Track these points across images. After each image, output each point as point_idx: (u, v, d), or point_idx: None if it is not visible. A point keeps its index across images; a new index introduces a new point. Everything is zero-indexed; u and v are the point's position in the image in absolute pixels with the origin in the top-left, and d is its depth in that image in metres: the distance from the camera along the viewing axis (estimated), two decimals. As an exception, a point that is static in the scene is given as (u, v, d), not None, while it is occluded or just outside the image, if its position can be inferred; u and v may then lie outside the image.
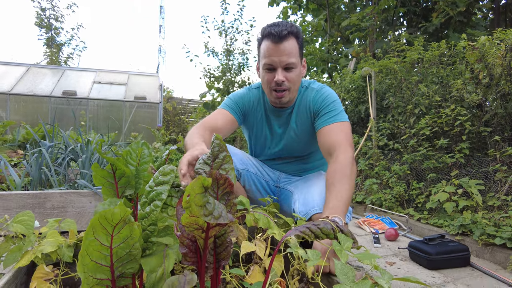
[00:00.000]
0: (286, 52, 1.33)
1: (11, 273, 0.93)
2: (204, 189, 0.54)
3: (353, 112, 4.20)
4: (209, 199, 0.54)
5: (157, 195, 0.87)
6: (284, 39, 1.32)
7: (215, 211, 0.53)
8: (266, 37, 1.35)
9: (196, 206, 0.52)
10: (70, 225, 1.16)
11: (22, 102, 6.44)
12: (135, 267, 0.78)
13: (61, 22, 12.81)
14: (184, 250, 0.72)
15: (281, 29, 1.31)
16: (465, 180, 2.29)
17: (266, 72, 1.40)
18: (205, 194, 0.54)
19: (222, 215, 0.54)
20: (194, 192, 0.52)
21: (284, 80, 1.36)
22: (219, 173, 0.75)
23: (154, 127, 6.55)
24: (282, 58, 1.33)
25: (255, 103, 1.58)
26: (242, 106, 1.56)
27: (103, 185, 1.13)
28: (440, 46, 3.22)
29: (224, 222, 0.53)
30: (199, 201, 0.53)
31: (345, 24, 6.70)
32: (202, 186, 0.54)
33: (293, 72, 1.38)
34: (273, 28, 1.32)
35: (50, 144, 2.45)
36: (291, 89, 1.41)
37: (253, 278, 0.99)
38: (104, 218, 0.69)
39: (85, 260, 0.70)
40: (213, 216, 0.53)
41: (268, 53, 1.35)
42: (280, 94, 1.40)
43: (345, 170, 1.23)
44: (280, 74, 1.35)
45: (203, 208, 0.53)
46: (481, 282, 1.55)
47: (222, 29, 7.69)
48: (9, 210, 1.78)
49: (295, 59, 1.36)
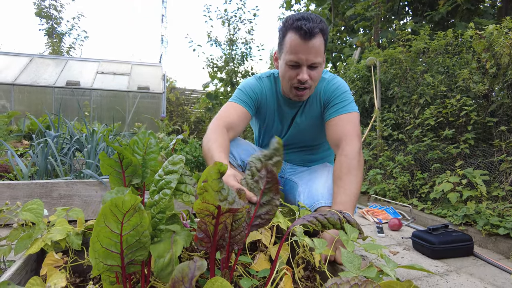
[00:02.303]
0: (314, 50, 1.26)
1: (22, 260, 0.95)
2: (220, 175, 0.55)
3: (357, 102, 4.18)
4: (224, 185, 0.55)
5: (167, 183, 0.88)
6: (313, 36, 1.23)
7: (229, 197, 0.54)
8: (295, 31, 1.25)
9: (212, 191, 0.54)
10: (77, 214, 1.17)
11: (26, 93, 6.46)
12: (144, 254, 0.79)
13: (61, 11, 12.71)
14: (201, 235, 0.72)
15: (312, 25, 1.22)
16: (469, 171, 2.29)
17: (289, 68, 1.32)
18: (220, 180, 0.55)
19: (236, 200, 0.55)
20: (211, 177, 0.53)
21: (308, 79, 1.31)
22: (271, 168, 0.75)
23: (157, 118, 6.56)
24: (309, 57, 1.27)
25: (268, 94, 1.53)
26: (255, 98, 1.50)
27: (110, 174, 1.14)
28: (446, 35, 3.17)
29: (236, 207, 0.54)
30: (216, 186, 0.54)
31: (350, 14, 6.60)
32: (219, 171, 0.55)
33: (317, 71, 1.32)
34: (304, 22, 1.22)
35: (55, 134, 2.46)
36: (312, 87, 1.37)
37: (259, 265, 1.00)
38: (115, 205, 0.70)
39: (96, 246, 0.71)
40: (227, 201, 0.54)
41: (295, 50, 1.26)
42: (301, 92, 1.36)
43: (352, 163, 1.23)
44: (305, 72, 1.29)
45: (218, 193, 0.54)
46: (484, 271, 1.56)
47: (225, 18, 7.61)
48: (17, 199, 1.80)
49: (321, 57, 1.30)
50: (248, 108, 1.46)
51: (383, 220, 2.38)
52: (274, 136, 1.63)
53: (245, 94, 1.49)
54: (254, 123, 1.70)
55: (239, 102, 1.47)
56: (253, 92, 1.50)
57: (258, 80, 1.54)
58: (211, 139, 1.29)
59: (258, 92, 1.51)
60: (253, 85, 1.51)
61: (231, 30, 7.63)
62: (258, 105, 1.53)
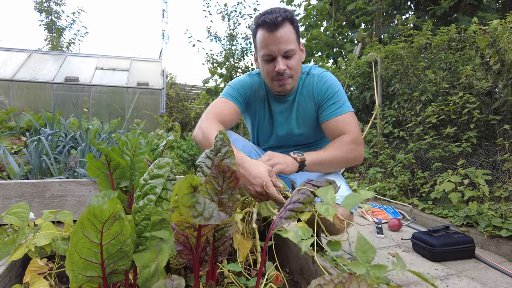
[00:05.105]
0: (284, 39, 1.28)
1: (5, 267, 0.91)
2: (193, 189, 0.50)
3: (358, 99, 4.12)
4: (198, 199, 0.50)
5: (151, 188, 0.84)
6: (279, 26, 1.26)
7: (205, 211, 0.50)
8: (261, 26, 1.29)
9: (184, 207, 0.49)
10: (66, 216, 1.13)
11: (24, 89, 6.41)
12: (127, 263, 0.75)
13: (61, 5, 12.61)
14: (179, 247, 0.69)
15: (275, 16, 1.25)
16: (471, 170, 2.24)
17: (265, 62, 1.35)
18: (194, 194, 0.50)
19: (214, 215, 0.50)
20: (182, 192, 0.49)
21: (286, 68, 1.32)
22: (227, 165, 0.71)
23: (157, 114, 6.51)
24: (280, 46, 1.28)
25: (256, 90, 1.53)
26: (243, 94, 1.51)
27: (98, 176, 1.10)
28: (449, 30, 3.10)
29: (214, 223, 0.49)
30: (187, 202, 0.49)
31: (351, 8, 6.51)
32: (191, 185, 0.50)
33: (294, 59, 1.33)
34: (267, 16, 1.27)
35: (50, 132, 2.42)
36: (294, 76, 1.38)
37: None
38: (93, 214, 0.66)
39: (74, 257, 0.67)
40: (203, 217, 0.49)
41: (265, 43, 1.29)
42: (282, 81, 1.36)
43: (342, 139, 1.31)
44: (280, 63, 1.31)
45: (192, 209, 0.49)
46: (486, 275, 1.52)
47: (225, 13, 7.52)
48: (8, 199, 1.76)
49: (294, 45, 1.31)
50: (237, 103, 1.47)
51: (383, 220, 2.34)
52: (267, 133, 1.61)
53: (235, 89, 1.49)
54: (247, 121, 1.67)
55: (229, 98, 1.47)
56: (242, 88, 1.50)
57: (248, 76, 1.55)
58: (211, 133, 1.26)
59: (247, 87, 1.51)
60: (242, 81, 1.52)
61: (231, 25, 7.55)
62: (247, 100, 1.53)
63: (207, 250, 0.69)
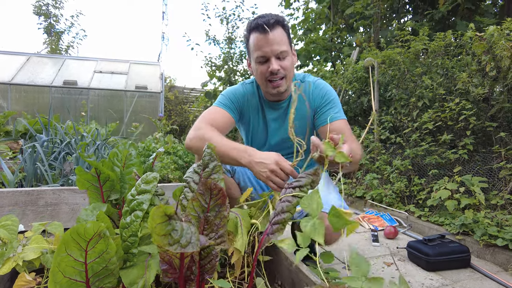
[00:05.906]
0: (277, 40, 1.30)
1: (-8, 281, 0.90)
2: (167, 217, 0.49)
3: (355, 104, 4.12)
4: (175, 226, 0.49)
5: (138, 204, 0.83)
6: (272, 28, 1.30)
7: (182, 238, 0.49)
8: (254, 30, 1.33)
9: (158, 236, 0.48)
10: (56, 228, 1.12)
11: (23, 92, 6.41)
12: (113, 281, 0.74)
13: (60, 8, 12.62)
14: (164, 267, 0.68)
15: (267, 19, 1.30)
16: (467, 178, 2.23)
17: (259, 64, 1.36)
18: (169, 222, 0.49)
19: (191, 241, 0.49)
20: (155, 222, 0.48)
21: (279, 68, 1.34)
22: (214, 182, 0.71)
23: (155, 117, 6.50)
24: (273, 48, 1.31)
25: (249, 98, 1.54)
26: (236, 102, 1.51)
27: (88, 189, 1.10)
28: (446, 36, 3.11)
29: (191, 251, 0.48)
30: (162, 231, 0.48)
31: (349, 12, 6.51)
32: (165, 214, 0.49)
33: (287, 60, 1.36)
34: (259, 19, 1.31)
35: (45, 138, 2.41)
36: (287, 77, 1.39)
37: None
38: (77, 233, 0.65)
39: (57, 277, 0.66)
40: (179, 245, 0.48)
41: (259, 45, 1.32)
42: (277, 83, 1.37)
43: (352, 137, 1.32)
44: (274, 63, 1.32)
45: (167, 237, 0.48)
46: (481, 285, 1.51)
47: (223, 17, 7.53)
48: (1, 208, 1.75)
49: (286, 47, 1.34)
50: (230, 111, 1.47)
51: (379, 227, 2.33)
52: (261, 141, 1.60)
53: (227, 99, 1.49)
54: (241, 130, 1.67)
55: (221, 106, 1.47)
56: (235, 97, 1.50)
57: (241, 85, 1.56)
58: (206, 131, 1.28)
59: (240, 96, 1.52)
60: (235, 90, 1.53)
61: (229, 28, 7.56)
62: (240, 109, 1.53)
63: (193, 269, 0.68)
